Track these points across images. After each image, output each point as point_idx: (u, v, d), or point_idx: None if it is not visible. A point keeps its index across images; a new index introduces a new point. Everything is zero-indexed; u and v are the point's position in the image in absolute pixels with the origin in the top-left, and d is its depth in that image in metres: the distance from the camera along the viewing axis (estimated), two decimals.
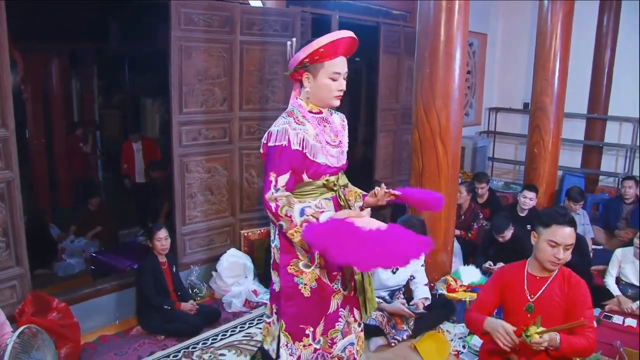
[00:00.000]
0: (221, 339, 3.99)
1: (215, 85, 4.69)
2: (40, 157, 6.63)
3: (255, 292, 4.61)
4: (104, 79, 7.76)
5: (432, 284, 4.25)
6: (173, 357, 3.72)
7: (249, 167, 5.08)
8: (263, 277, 4.84)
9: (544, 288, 2.79)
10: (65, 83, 7.06)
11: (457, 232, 5.30)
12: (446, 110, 4.17)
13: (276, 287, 2.64)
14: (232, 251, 4.91)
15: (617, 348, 3.54)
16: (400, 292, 4.08)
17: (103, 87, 7.73)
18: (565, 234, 2.70)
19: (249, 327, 4.17)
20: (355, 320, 2.72)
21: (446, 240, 4.45)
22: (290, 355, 2.58)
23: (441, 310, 4.08)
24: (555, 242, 2.70)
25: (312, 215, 2.30)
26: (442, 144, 4.20)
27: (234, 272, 4.76)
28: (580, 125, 7.74)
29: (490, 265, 4.76)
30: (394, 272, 3.94)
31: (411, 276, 4.05)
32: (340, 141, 2.59)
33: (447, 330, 4.01)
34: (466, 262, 4.92)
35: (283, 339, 2.59)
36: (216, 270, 4.78)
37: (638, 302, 4.33)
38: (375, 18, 6.41)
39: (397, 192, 2.52)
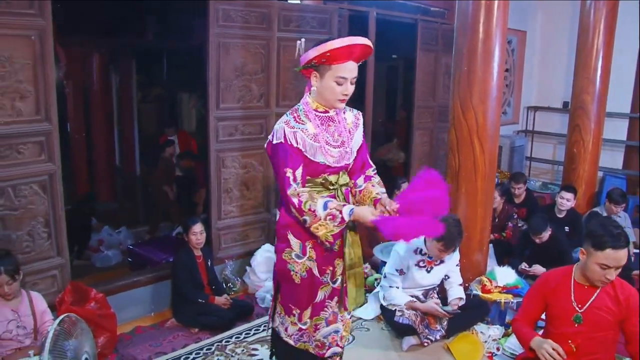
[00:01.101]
0: (254, 334, 4.02)
1: (252, 82, 4.72)
2: (80, 151, 6.77)
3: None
4: (142, 74, 7.86)
5: (466, 284, 4.19)
6: (207, 350, 3.77)
7: None
8: None
9: (593, 298, 2.71)
10: (105, 78, 7.19)
11: (491, 235, 5.22)
12: (484, 108, 4.11)
13: (276, 263, 2.76)
14: (267, 246, 4.95)
15: None
16: (435, 291, 4.05)
17: (141, 82, 7.84)
18: (619, 257, 2.57)
19: None
20: (346, 309, 2.77)
21: (482, 240, 4.39)
22: (281, 324, 2.75)
23: (475, 311, 4.03)
24: (607, 266, 2.59)
25: (335, 209, 2.37)
26: (479, 143, 4.14)
27: (268, 268, 4.79)
28: (622, 124, 7.53)
29: (526, 267, 4.67)
30: (428, 272, 3.91)
31: (446, 276, 4.02)
32: (343, 141, 2.58)
33: (481, 332, 3.95)
34: (501, 262, 4.84)
35: (278, 307, 2.76)
36: (250, 265, 4.82)
37: None
38: (413, 15, 6.35)
39: (395, 206, 2.46)
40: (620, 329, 2.76)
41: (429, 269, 3.90)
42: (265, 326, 4.12)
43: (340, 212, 2.36)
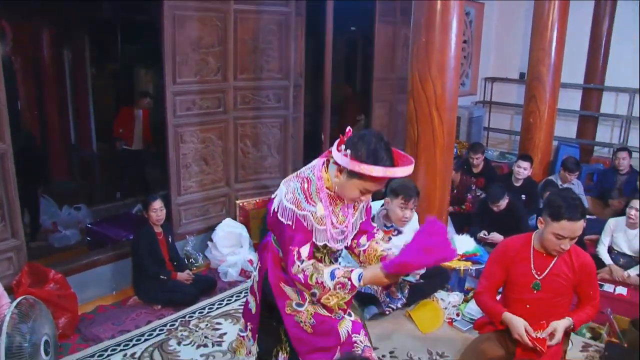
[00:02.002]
0: (217, 308, 4.02)
1: (209, 55, 4.63)
2: (33, 129, 6.57)
3: (251, 261, 4.64)
4: (95, 49, 7.64)
5: None
6: (170, 326, 3.76)
7: (243, 137, 5.06)
8: (258, 247, 4.87)
9: (550, 266, 2.78)
10: (57, 53, 6.95)
11: (450, 208, 5.31)
12: (442, 79, 4.13)
13: (252, 307, 2.64)
14: (228, 221, 4.93)
15: (608, 315, 3.59)
16: None
17: (95, 57, 7.62)
18: (574, 228, 2.62)
19: (244, 296, 4.17)
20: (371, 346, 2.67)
21: (441, 210, 4.45)
22: None
23: (435, 279, 4.11)
24: (562, 236, 2.64)
25: (343, 277, 2.28)
26: (438, 114, 4.17)
27: (230, 242, 4.79)
28: (576, 95, 7.72)
29: (485, 235, 4.79)
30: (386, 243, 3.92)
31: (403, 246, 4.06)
32: (347, 223, 2.48)
33: (441, 299, 4.05)
34: (461, 231, 4.94)
35: None
36: (212, 240, 4.80)
37: (629, 270, 4.37)
38: None
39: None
40: (574, 293, 2.87)
41: (386, 240, 3.92)
42: (228, 300, 4.14)
43: (349, 279, 2.28)
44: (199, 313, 3.94)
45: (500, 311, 2.83)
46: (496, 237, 4.74)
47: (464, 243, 4.39)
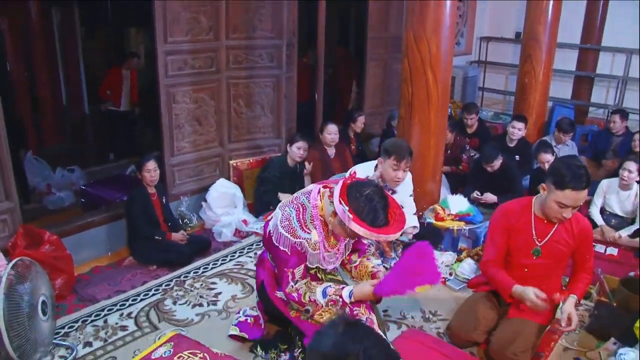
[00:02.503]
0: (212, 268, 4.05)
1: (200, 14, 4.55)
2: (23, 91, 6.48)
3: (245, 221, 4.65)
4: (85, 9, 7.48)
5: (420, 213, 4.29)
6: (165, 286, 3.79)
7: (236, 97, 5.02)
8: (252, 207, 4.89)
9: (551, 233, 2.79)
10: (45, 14, 6.80)
11: (447, 168, 5.32)
12: (436, 38, 4.09)
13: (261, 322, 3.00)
14: (222, 181, 4.94)
15: (599, 275, 3.63)
16: None
17: (84, 17, 7.46)
18: (578, 198, 2.60)
19: (239, 256, 4.23)
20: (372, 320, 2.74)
21: (434, 170, 4.47)
22: None
23: (429, 238, 4.12)
24: (565, 205, 2.62)
25: (334, 294, 2.49)
26: (432, 73, 4.14)
27: (224, 202, 4.80)
28: (572, 55, 7.65)
29: (478, 195, 4.81)
30: None
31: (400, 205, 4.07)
32: (338, 248, 2.62)
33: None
34: (455, 192, 4.96)
35: (300, 347, 2.74)
36: (206, 201, 4.81)
37: (620, 231, 4.42)
38: None
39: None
40: (571, 257, 2.90)
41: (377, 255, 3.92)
42: (223, 260, 4.17)
43: (340, 297, 2.47)
44: (194, 273, 3.97)
45: (509, 285, 2.81)
46: (489, 197, 4.77)
47: (458, 203, 4.42)
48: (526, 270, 2.88)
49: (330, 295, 2.49)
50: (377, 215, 2.30)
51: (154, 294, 3.68)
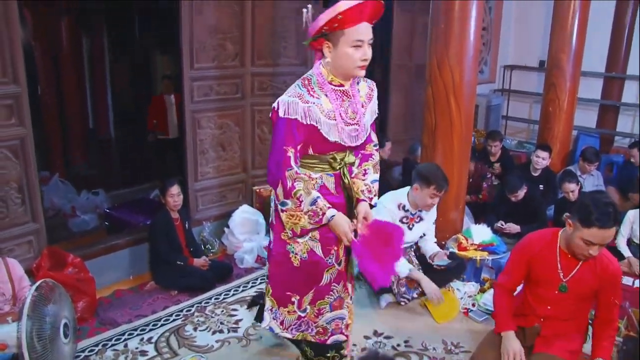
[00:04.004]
0: (233, 294, 4.05)
1: (226, 40, 4.63)
2: (52, 114, 6.61)
3: (267, 248, 4.64)
4: (113, 34, 7.66)
5: (443, 242, 4.25)
6: (186, 311, 3.79)
7: (260, 124, 5.06)
8: None
9: (576, 269, 2.69)
10: (75, 39, 6.98)
11: (467, 197, 5.27)
12: (460, 66, 4.09)
13: (272, 246, 2.63)
14: (244, 207, 4.95)
15: (627, 309, 3.54)
16: (412, 249, 4.08)
17: (113, 42, 7.64)
18: (605, 236, 2.50)
19: (260, 283, 4.22)
20: (349, 294, 2.74)
21: (458, 198, 4.43)
22: (274, 319, 2.64)
23: (452, 268, 4.09)
24: (592, 242, 2.52)
25: (320, 209, 2.32)
26: (456, 101, 4.14)
27: (246, 229, 4.80)
28: (597, 84, 7.58)
29: (502, 225, 4.75)
30: (410, 229, 3.86)
31: (422, 233, 4.05)
32: (358, 120, 2.44)
33: (457, 289, 4.02)
34: (478, 221, 4.92)
35: (268, 303, 2.66)
36: (228, 227, 4.82)
37: None
38: None
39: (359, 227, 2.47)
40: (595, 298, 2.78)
41: (410, 226, 3.89)
42: (244, 286, 4.16)
43: (324, 214, 2.31)
44: (215, 299, 3.97)
45: (505, 322, 2.82)
46: (513, 227, 4.71)
47: (481, 233, 4.36)
48: (549, 307, 2.80)
49: (316, 207, 2.30)
50: None
51: (174, 319, 3.68)
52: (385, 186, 5.19)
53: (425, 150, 4.37)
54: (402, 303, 3.84)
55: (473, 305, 3.86)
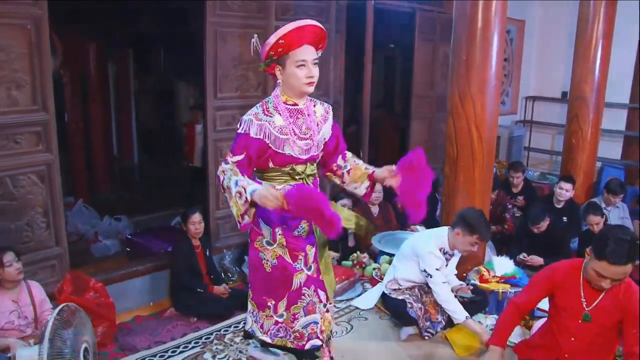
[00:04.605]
0: None
1: (249, 70, 4.70)
2: (78, 141, 6.74)
3: None
4: (139, 63, 7.84)
5: (464, 274, 4.20)
6: (205, 339, 3.77)
7: None
8: None
9: (600, 298, 2.67)
10: (102, 66, 7.15)
11: (493, 228, 5.21)
12: (482, 97, 4.10)
13: (248, 253, 2.85)
14: None
15: None
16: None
17: (138, 70, 7.81)
18: (616, 272, 2.49)
19: None
20: (321, 301, 2.80)
21: None
22: (255, 322, 2.82)
23: (474, 302, 4.02)
24: (603, 275, 2.53)
25: (242, 186, 2.39)
26: (477, 132, 4.13)
27: None
28: (621, 115, 7.52)
29: (525, 257, 4.68)
30: (446, 266, 3.83)
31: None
32: (311, 135, 2.63)
33: (479, 322, 3.97)
34: (500, 253, 4.86)
35: (250, 307, 2.84)
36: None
37: None
38: (411, 4, 6.32)
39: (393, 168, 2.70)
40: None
41: (446, 264, 3.86)
42: None
43: (245, 190, 2.36)
44: (234, 327, 3.95)
45: (500, 338, 2.88)
46: (535, 259, 4.63)
47: (503, 265, 4.31)
48: (573, 339, 2.75)
49: (238, 187, 2.38)
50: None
51: (193, 347, 3.67)
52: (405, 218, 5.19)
53: (446, 180, 4.36)
54: (427, 337, 3.78)
55: None
